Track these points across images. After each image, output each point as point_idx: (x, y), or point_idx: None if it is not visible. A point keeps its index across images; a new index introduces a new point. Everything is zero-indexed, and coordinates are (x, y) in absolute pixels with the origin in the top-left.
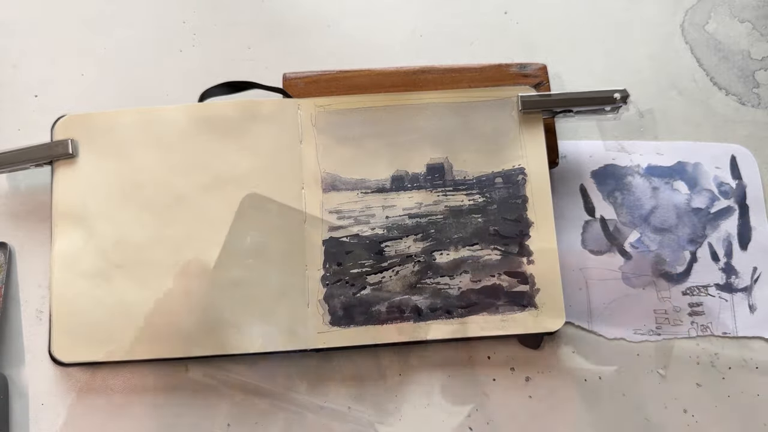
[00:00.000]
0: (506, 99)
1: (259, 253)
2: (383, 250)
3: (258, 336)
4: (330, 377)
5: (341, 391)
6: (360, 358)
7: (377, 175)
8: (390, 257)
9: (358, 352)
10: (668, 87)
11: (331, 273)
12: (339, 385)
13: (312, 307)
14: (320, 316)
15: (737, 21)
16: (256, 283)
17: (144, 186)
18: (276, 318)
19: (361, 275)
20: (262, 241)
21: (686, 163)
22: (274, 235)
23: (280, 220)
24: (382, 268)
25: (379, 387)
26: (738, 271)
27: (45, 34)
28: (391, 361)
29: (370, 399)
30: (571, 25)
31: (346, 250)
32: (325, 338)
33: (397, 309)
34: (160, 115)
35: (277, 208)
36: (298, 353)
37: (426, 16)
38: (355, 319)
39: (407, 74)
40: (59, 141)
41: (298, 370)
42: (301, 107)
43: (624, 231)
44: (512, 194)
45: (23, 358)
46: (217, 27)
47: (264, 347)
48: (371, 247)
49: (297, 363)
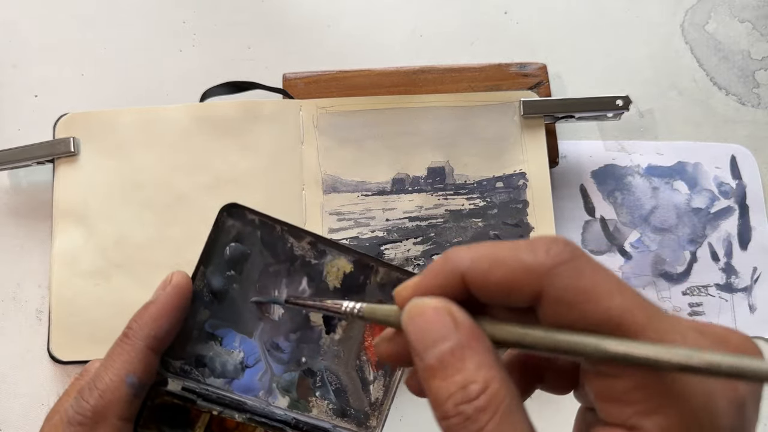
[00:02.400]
0: (508, 103)
1: None
2: (383, 253)
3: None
4: None
5: None
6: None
7: (378, 177)
8: (390, 260)
9: None
10: (668, 87)
11: None
12: None
13: None
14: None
15: (737, 21)
16: None
17: (145, 185)
18: None
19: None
20: None
21: (686, 163)
22: None
23: None
24: None
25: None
26: (738, 271)
27: (45, 34)
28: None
29: None
30: (571, 25)
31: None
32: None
33: None
34: (162, 115)
35: (277, 208)
36: None
37: (426, 16)
38: None
39: (407, 74)
40: (61, 139)
41: None
42: (302, 108)
43: (624, 231)
44: (513, 198)
45: (23, 358)
46: (217, 27)
47: None
48: (371, 250)
49: None
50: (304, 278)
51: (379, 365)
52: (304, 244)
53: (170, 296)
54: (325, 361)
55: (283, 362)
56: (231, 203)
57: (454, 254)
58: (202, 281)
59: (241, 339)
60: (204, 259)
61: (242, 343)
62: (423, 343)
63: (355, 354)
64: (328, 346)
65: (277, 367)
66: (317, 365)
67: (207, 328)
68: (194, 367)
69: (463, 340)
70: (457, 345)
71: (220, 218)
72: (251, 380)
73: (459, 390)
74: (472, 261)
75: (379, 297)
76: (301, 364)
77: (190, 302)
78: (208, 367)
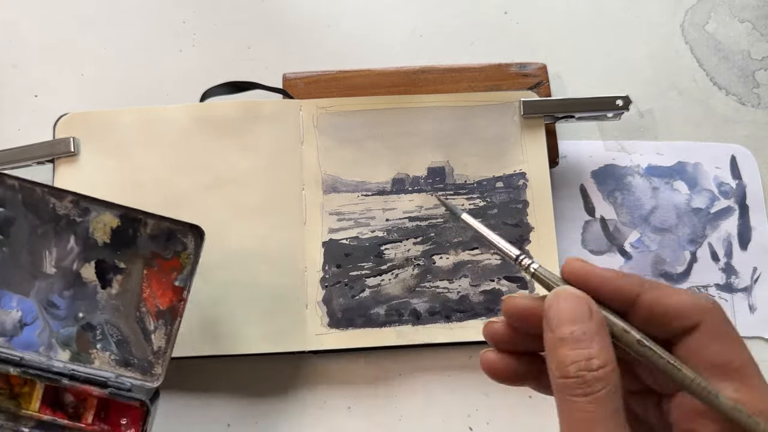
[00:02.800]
0: (508, 103)
1: (259, 254)
2: (383, 253)
3: (257, 337)
4: (330, 378)
5: (341, 391)
6: (359, 358)
7: (378, 177)
8: (389, 260)
9: (357, 352)
10: (668, 87)
11: (330, 275)
12: (339, 386)
13: (311, 308)
14: (319, 318)
15: (737, 21)
16: (255, 284)
17: (145, 185)
18: (274, 319)
19: (360, 278)
20: (261, 242)
21: (686, 163)
22: (273, 236)
23: (280, 221)
24: (382, 271)
25: (378, 387)
26: (738, 271)
27: (45, 34)
28: (391, 361)
29: (369, 399)
30: (571, 25)
31: (346, 252)
32: (324, 340)
33: (396, 312)
34: (162, 115)
35: (277, 208)
36: (297, 354)
37: (426, 16)
38: (354, 321)
39: (407, 74)
40: (61, 139)
41: (298, 371)
42: (302, 108)
43: (624, 231)
44: (513, 199)
45: None
46: (217, 27)
47: (263, 348)
48: (371, 250)
49: (297, 363)
50: (72, 236)
51: (159, 315)
52: (67, 203)
53: None
54: (104, 315)
55: (60, 318)
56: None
57: (632, 275)
58: None
59: (18, 299)
60: None
61: (19, 303)
62: (559, 319)
63: (134, 306)
64: (106, 300)
65: (54, 324)
66: (96, 319)
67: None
68: None
69: (594, 327)
70: (589, 329)
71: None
72: (30, 337)
73: (584, 360)
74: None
75: (153, 248)
76: (78, 319)
77: None
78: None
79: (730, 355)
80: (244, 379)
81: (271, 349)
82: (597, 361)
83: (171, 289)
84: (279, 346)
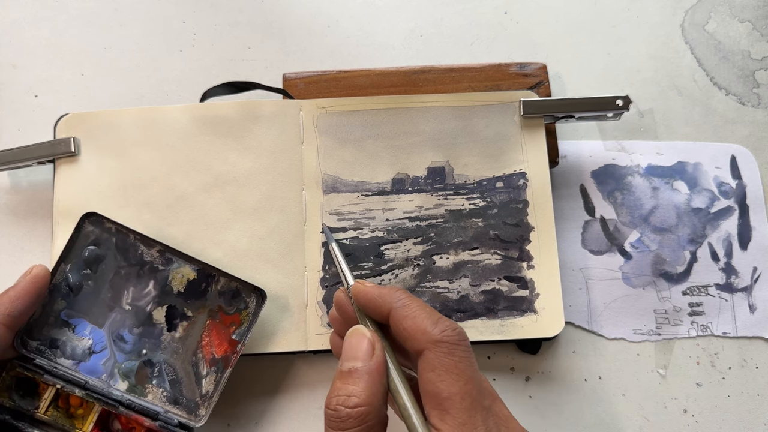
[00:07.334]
0: (508, 103)
1: (259, 254)
2: (383, 253)
3: (257, 336)
4: (330, 378)
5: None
6: None
7: (378, 177)
8: (389, 260)
9: None
10: (668, 87)
11: (330, 275)
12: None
13: (310, 308)
14: (318, 318)
15: (737, 21)
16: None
17: (145, 185)
18: (274, 319)
19: (360, 278)
20: (261, 242)
21: (686, 163)
22: (273, 235)
23: (279, 221)
24: (382, 271)
25: None
26: (738, 271)
27: (45, 34)
28: None
29: None
30: (571, 25)
31: (346, 252)
32: (324, 340)
33: None
34: (162, 115)
35: (277, 208)
36: (297, 354)
37: (426, 16)
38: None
39: (407, 74)
40: (62, 139)
41: (298, 371)
42: (302, 108)
43: (624, 231)
44: (513, 198)
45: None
46: (217, 27)
47: (262, 348)
48: (371, 250)
49: (297, 363)
50: (152, 281)
51: (212, 362)
52: (154, 252)
53: (28, 283)
54: (164, 355)
55: (125, 351)
56: (90, 212)
57: (392, 293)
58: (62, 276)
59: (92, 328)
60: (64, 257)
61: (92, 332)
62: (346, 353)
63: (192, 351)
64: (169, 342)
65: (120, 356)
66: (157, 357)
67: (62, 316)
68: (48, 347)
69: (371, 367)
70: (363, 368)
71: (80, 224)
72: (96, 364)
73: (345, 395)
74: (399, 307)
75: (219, 303)
76: (141, 355)
77: (48, 291)
78: (60, 349)
79: (441, 385)
80: (243, 378)
81: (270, 350)
82: (356, 399)
83: (227, 341)
84: (279, 346)
